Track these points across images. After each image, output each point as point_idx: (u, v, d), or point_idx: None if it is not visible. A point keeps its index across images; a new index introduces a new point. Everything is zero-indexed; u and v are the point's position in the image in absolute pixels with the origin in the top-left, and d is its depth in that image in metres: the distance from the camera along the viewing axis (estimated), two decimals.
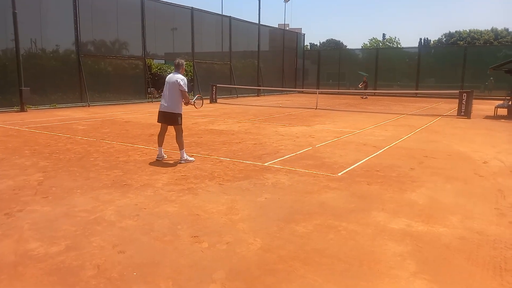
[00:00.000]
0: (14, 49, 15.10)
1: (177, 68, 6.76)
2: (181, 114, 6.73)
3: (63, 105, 17.15)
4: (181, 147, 6.73)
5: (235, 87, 26.34)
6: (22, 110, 15.12)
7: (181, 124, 6.73)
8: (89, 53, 18.52)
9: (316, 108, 18.06)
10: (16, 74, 15.08)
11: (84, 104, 17.89)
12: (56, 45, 17.42)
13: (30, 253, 3.34)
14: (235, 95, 26.67)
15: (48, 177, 5.73)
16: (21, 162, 6.66)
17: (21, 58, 15.13)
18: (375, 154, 7.66)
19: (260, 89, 28.05)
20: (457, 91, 16.22)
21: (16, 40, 14.93)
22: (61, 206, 4.52)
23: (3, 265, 3.15)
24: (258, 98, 26.67)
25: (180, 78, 6.58)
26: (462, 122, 13.42)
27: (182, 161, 6.71)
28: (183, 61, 6.84)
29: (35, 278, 2.95)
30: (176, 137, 6.74)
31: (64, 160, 6.84)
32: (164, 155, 7.01)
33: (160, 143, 6.96)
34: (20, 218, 4.14)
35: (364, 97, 26.78)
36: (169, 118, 6.72)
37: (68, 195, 4.91)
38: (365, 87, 26.72)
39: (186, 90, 6.65)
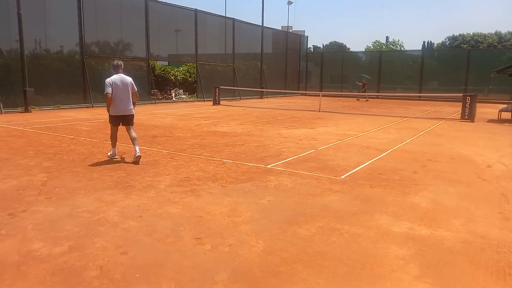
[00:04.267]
0: (19, 49, 15.20)
1: (117, 69, 6.82)
2: None
3: (67, 106, 17.23)
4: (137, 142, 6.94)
5: (238, 89, 26.38)
6: (26, 110, 15.19)
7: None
8: (93, 54, 18.62)
9: (319, 111, 18.06)
10: (21, 74, 15.16)
11: (87, 105, 17.96)
12: (60, 46, 17.52)
13: (34, 253, 3.35)
14: (238, 97, 26.71)
15: (51, 178, 5.75)
16: (25, 163, 6.69)
17: (25, 59, 15.22)
18: (378, 157, 7.65)
19: (263, 91, 28.08)
20: (461, 94, 16.21)
21: (21, 41, 15.01)
22: (64, 206, 4.53)
23: (6, 265, 3.16)
24: (261, 100, 26.69)
25: (131, 79, 6.92)
26: (466, 125, 13.39)
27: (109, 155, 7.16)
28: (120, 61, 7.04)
29: (38, 278, 2.97)
30: (132, 133, 6.98)
31: (67, 161, 6.87)
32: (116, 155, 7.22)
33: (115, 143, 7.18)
34: (23, 218, 4.16)
35: (365, 99, 26.46)
36: (131, 119, 7.03)
37: (71, 196, 4.93)
38: (364, 89, 26.39)
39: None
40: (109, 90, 6.62)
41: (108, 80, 6.68)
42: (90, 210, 4.43)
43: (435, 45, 61.29)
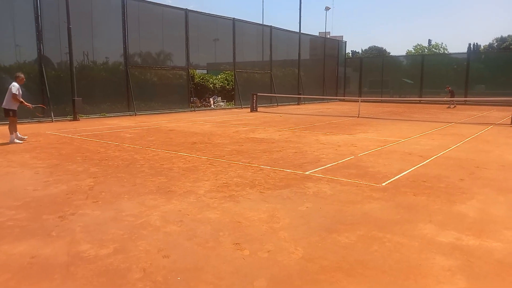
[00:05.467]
0: (68, 61, 16.09)
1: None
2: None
3: (112, 114, 17.99)
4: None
5: (275, 96, 26.45)
6: (75, 119, 16.02)
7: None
8: (136, 64, 19.36)
9: (358, 117, 17.73)
10: (70, 85, 16.03)
11: (131, 113, 18.67)
12: (106, 58, 18.36)
13: (81, 255, 3.51)
14: (276, 104, 26.76)
15: (98, 183, 6.02)
16: (73, 168, 7.04)
17: (74, 70, 16.08)
18: (421, 164, 7.39)
19: (300, 97, 27.97)
20: (511, 98, 15.34)
21: (70, 53, 15.90)
22: (110, 210, 4.73)
23: (56, 264, 3.33)
24: (298, 106, 26.60)
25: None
26: None
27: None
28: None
29: (86, 279, 3.10)
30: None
31: (112, 167, 7.15)
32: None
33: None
34: (72, 221, 4.38)
35: (453, 106, 24.59)
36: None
37: (116, 200, 5.13)
38: (452, 95, 24.46)
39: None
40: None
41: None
42: (133, 214, 4.58)
43: (482, 47, 58.55)
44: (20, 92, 9.91)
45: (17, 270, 3.24)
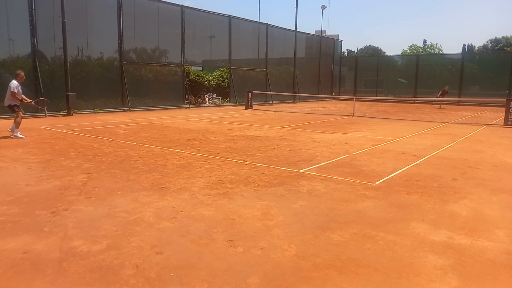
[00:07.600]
0: (62, 56, 15.95)
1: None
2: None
3: (106, 110, 17.88)
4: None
5: (270, 94, 26.43)
6: (68, 114, 15.90)
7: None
8: (131, 60, 19.23)
9: (353, 115, 17.78)
10: (64, 80, 15.89)
11: (125, 109, 18.57)
12: (101, 53, 18.22)
13: (74, 250, 3.49)
14: (271, 102, 26.75)
15: (91, 178, 5.98)
16: (66, 164, 6.99)
17: (68, 65, 15.93)
18: (414, 163, 7.43)
19: (295, 95, 27.98)
20: (504, 99, 15.49)
21: (64, 48, 15.75)
22: (103, 206, 4.70)
23: (49, 260, 3.31)
24: (293, 104, 26.61)
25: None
26: (510, 131, 12.75)
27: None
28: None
29: (78, 275, 3.08)
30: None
31: (106, 163, 7.12)
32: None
33: None
34: (65, 216, 4.35)
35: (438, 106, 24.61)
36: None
37: (109, 196, 5.10)
38: (442, 95, 24.37)
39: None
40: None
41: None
42: (127, 210, 4.56)
43: (476, 48, 58.93)
44: (20, 90, 9.92)
45: (9, 265, 3.22)
